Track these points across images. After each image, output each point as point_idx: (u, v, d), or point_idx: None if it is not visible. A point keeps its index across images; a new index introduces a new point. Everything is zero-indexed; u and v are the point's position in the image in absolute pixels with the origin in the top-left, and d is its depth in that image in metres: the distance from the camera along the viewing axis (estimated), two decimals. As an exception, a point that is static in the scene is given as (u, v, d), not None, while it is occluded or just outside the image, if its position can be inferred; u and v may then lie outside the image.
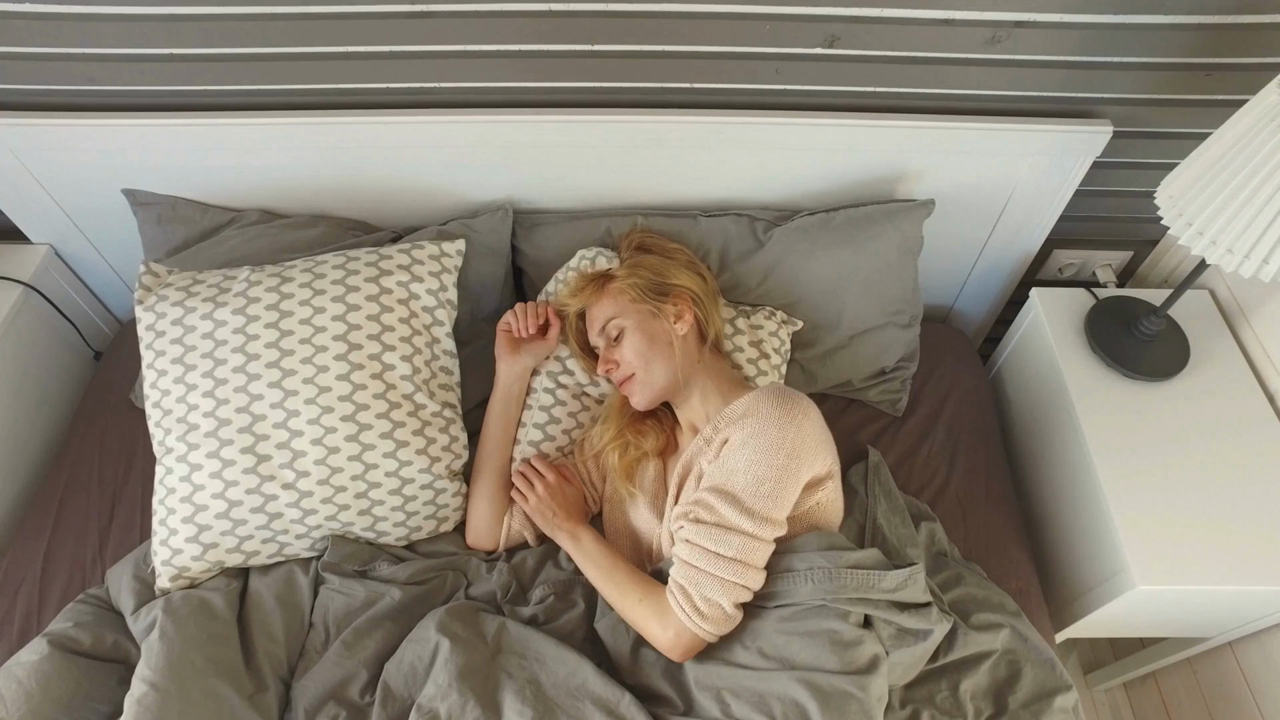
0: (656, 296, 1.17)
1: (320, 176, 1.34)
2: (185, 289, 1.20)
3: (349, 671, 1.05)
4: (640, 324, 1.15)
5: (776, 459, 0.98)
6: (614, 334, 1.17)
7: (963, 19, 1.14)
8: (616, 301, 1.18)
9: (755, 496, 0.98)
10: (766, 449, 0.99)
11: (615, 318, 1.17)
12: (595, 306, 1.20)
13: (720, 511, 0.98)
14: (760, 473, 0.98)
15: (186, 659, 1.02)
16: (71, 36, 1.17)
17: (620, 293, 1.18)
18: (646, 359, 1.14)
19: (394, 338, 1.18)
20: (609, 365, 1.17)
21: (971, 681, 1.08)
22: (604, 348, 1.18)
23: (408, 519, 1.18)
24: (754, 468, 0.98)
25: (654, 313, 1.16)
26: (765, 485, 0.98)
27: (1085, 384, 1.33)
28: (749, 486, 0.98)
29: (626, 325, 1.16)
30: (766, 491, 0.98)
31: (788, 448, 0.99)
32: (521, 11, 1.14)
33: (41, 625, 1.17)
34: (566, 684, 1.01)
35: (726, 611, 0.98)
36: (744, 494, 0.98)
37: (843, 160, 1.32)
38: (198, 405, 1.13)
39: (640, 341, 1.14)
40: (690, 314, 1.18)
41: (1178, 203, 1.08)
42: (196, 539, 1.12)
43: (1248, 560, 1.14)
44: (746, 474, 0.99)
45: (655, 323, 1.16)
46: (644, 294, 1.17)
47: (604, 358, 1.18)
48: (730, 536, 0.97)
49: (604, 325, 1.17)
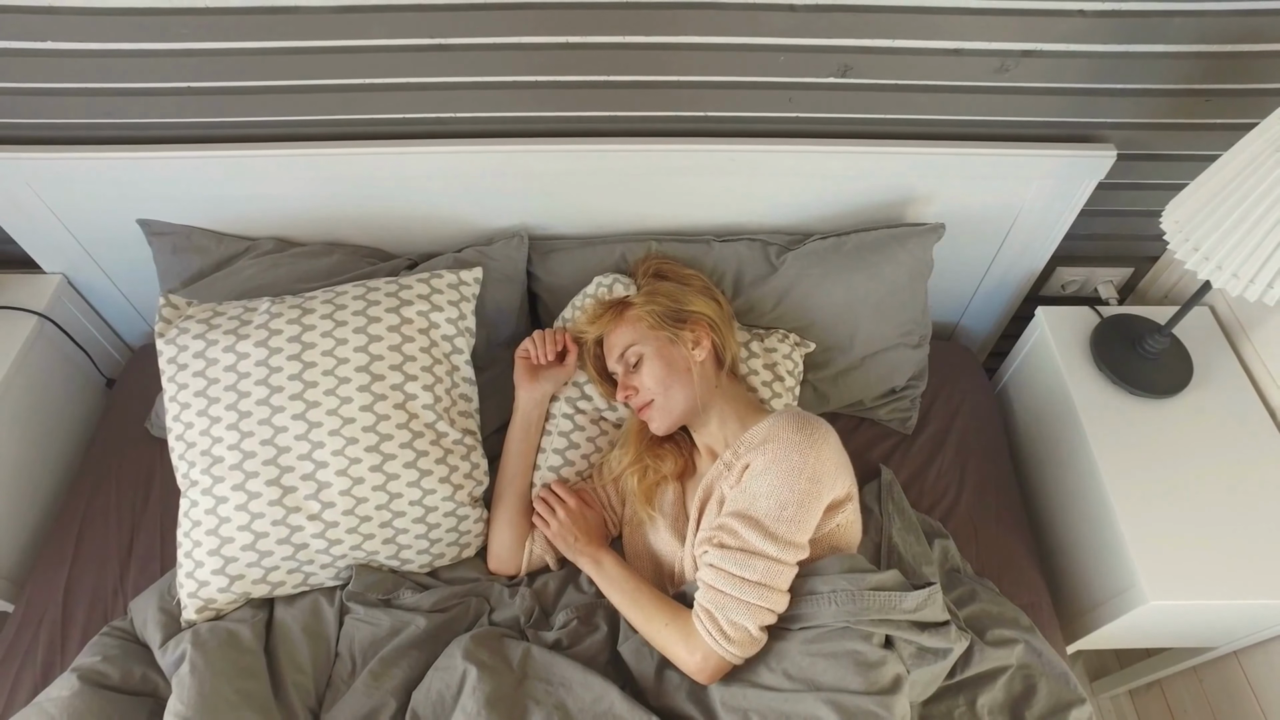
0: (674, 323, 1.19)
1: (336, 205, 1.34)
2: (206, 321, 1.21)
3: (378, 702, 1.06)
4: (659, 351, 1.17)
5: (799, 484, 1.00)
6: (632, 361, 1.18)
7: (972, 49, 1.17)
8: (635, 328, 1.19)
9: (778, 521, 1.00)
10: (788, 474, 1.01)
11: (634, 344, 1.18)
12: (613, 333, 1.21)
13: (744, 536, 1.00)
14: (783, 498, 1.00)
15: (218, 692, 1.02)
16: (91, 72, 1.17)
17: (638, 320, 1.20)
18: (665, 385, 1.15)
19: (415, 367, 1.19)
20: (628, 391, 1.18)
21: (988, 697, 1.10)
22: (622, 374, 1.20)
23: (431, 546, 1.19)
24: (777, 493, 1.00)
25: (672, 339, 1.18)
26: (788, 510, 1.00)
27: (1091, 401, 1.35)
28: (772, 511, 1.00)
29: (645, 352, 1.17)
30: (789, 516, 1.00)
31: (809, 472, 1.01)
32: (538, 44, 1.16)
33: (65, 657, 1.17)
34: (593, 709, 1.02)
35: (752, 634, 1.00)
36: (767, 519, 1.00)
37: (854, 185, 1.34)
38: (222, 438, 1.14)
39: (659, 368, 1.16)
40: (708, 340, 1.20)
41: (1184, 228, 1.11)
42: (223, 570, 1.12)
43: (1256, 573, 1.17)
44: (769, 499, 1.01)
45: (673, 349, 1.17)
46: (662, 321, 1.19)
47: (623, 384, 1.19)
48: (754, 561, 0.99)
49: (623, 352, 1.19)
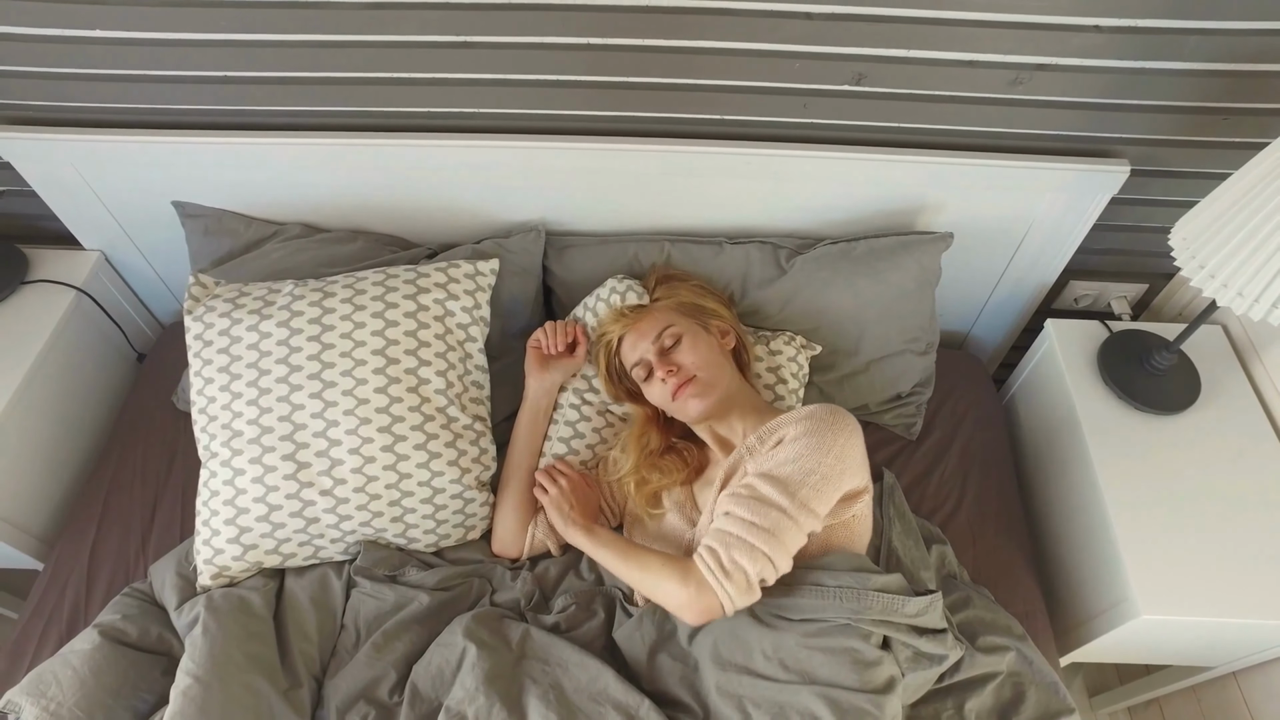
0: (701, 315, 1.23)
1: (361, 194, 1.39)
2: (232, 301, 1.26)
3: (379, 672, 1.10)
4: (696, 332, 1.20)
5: (826, 459, 1.02)
6: (669, 342, 1.19)
7: (986, 61, 1.18)
8: (668, 315, 1.22)
9: (801, 485, 1.00)
10: (819, 448, 1.02)
11: (671, 326, 1.20)
12: (643, 321, 1.22)
13: (763, 490, 1.01)
14: (809, 466, 1.01)
15: (227, 654, 1.07)
16: (134, 60, 1.23)
17: (668, 309, 1.23)
18: (707, 360, 1.17)
19: (430, 353, 1.23)
20: (667, 369, 1.16)
21: (976, 702, 1.11)
22: (657, 356, 1.18)
23: (437, 526, 1.23)
24: (804, 460, 1.02)
25: (703, 327, 1.21)
26: (812, 478, 1.01)
27: (1096, 415, 1.36)
28: (796, 476, 1.01)
29: (684, 331, 1.19)
30: (813, 484, 1.01)
31: (837, 451, 1.03)
32: (560, 44, 1.19)
33: (89, 616, 1.23)
34: (588, 689, 1.05)
35: (749, 578, 0.98)
36: (790, 480, 1.01)
37: (865, 192, 1.35)
38: (242, 412, 1.18)
39: (701, 344, 1.18)
40: (733, 333, 1.23)
41: (1191, 245, 1.12)
42: (238, 540, 1.17)
43: (1252, 593, 1.17)
44: (796, 464, 1.02)
45: (707, 336, 1.21)
46: (692, 311, 1.23)
47: (660, 363, 1.17)
48: (769, 510, 1.00)
49: (660, 333, 1.19)
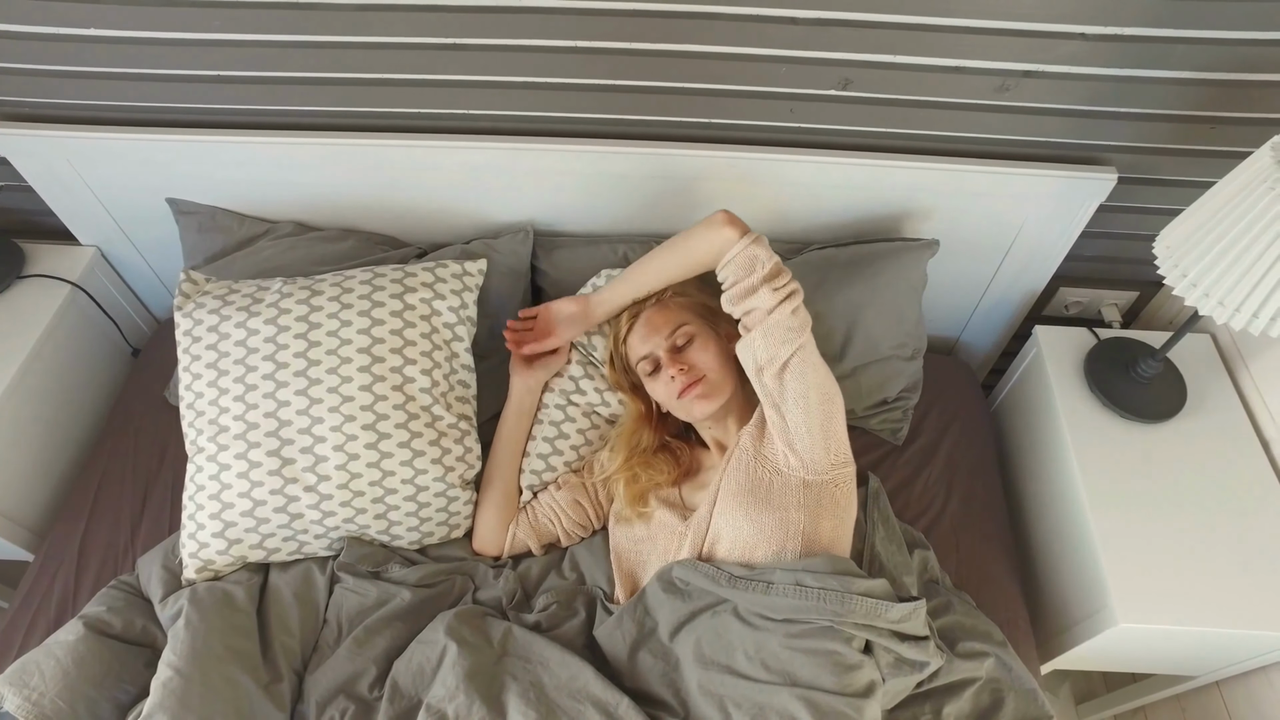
0: (712, 317, 1.23)
1: (352, 193, 1.40)
2: (222, 297, 1.27)
3: (359, 668, 1.11)
4: (707, 333, 1.21)
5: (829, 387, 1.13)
6: (681, 341, 1.20)
7: (973, 67, 1.18)
8: (681, 313, 1.23)
9: None
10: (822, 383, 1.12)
11: (685, 325, 1.21)
12: (657, 316, 1.22)
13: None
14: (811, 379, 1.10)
15: (209, 647, 1.08)
16: (130, 58, 1.25)
17: (682, 308, 1.24)
18: (717, 362, 1.18)
19: (415, 352, 1.24)
20: (678, 368, 1.17)
21: (954, 707, 1.11)
22: (668, 354, 1.20)
23: (421, 524, 1.24)
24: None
25: (714, 330, 1.22)
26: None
27: (1081, 422, 1.36)
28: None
29: (697, 332, 1.20)
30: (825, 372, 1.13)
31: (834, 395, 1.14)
32: (548, 47, 1.20)
33: (76, 606, 1.24)
34: (568, 687, 1.06)
35: (784, 274, 1.10)
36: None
37: (852, 197, 1.36)
38: (228, 409, 1.20)
39: (711, 346, 1.20)
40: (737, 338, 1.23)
41: (1174, 254, 1.12)
42: (222, 534, 1.18)
43: (1232, 603, 1.17)
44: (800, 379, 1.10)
45: (717, 338, 1.22)
46: (702, 313, 1.23)
47: (671, 361, 1.18)
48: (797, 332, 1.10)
49: (673, 330, 1.20)
